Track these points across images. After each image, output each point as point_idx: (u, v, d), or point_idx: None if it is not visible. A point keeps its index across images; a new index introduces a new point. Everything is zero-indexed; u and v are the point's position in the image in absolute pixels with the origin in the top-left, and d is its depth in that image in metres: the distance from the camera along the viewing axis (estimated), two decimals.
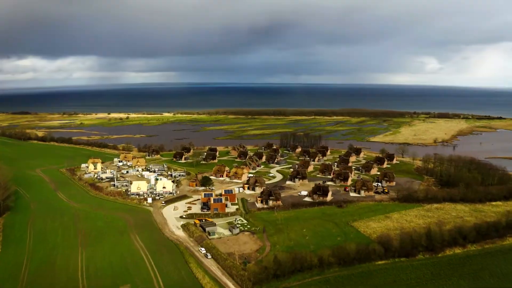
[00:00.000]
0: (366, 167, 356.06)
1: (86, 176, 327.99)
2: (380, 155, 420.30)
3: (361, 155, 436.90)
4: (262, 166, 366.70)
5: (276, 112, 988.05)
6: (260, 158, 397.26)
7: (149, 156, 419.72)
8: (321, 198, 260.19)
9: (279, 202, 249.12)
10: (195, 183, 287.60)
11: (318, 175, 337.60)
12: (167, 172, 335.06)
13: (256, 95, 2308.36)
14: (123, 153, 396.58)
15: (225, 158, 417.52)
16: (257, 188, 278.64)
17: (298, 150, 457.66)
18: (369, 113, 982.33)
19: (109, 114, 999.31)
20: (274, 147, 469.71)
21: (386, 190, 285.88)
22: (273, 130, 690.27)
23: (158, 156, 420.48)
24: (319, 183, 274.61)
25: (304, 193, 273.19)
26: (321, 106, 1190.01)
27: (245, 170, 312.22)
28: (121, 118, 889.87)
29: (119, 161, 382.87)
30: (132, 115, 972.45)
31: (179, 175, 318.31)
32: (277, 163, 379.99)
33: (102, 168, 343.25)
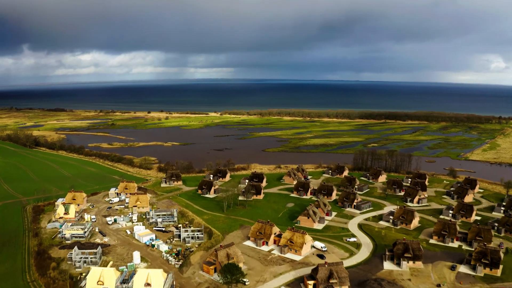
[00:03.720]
0: (507, 224, 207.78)
1: (49, 226, 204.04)
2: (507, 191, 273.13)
3: (476, 189, 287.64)
4: (333, 215, 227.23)
5: (339, 114, 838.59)
6: (330, 194, 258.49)
7: (165, 183, 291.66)
8: None
9: None
10: (213, 266, 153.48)
11: (432, 240, 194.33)
12: (175, 226, 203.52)
13: (316, 92, 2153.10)
14: (124, 181, 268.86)
15: (275, 190, 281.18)
16: None
17: (382, 178, 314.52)
18: (449, 117, 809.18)
19: (148, 112, 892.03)
20: (346, 172, 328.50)
21: None
22: (337, 139, 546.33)
23: (179, 183, 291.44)
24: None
25: None
26: (390, 107, 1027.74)
27: (307, 237, 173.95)
28: (159, 119, 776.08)
29: (117, 194, 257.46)
30: (174, 115, 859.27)
31: (192, 237, 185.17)
32: (357, 207, 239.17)
33: (77, 212, 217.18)
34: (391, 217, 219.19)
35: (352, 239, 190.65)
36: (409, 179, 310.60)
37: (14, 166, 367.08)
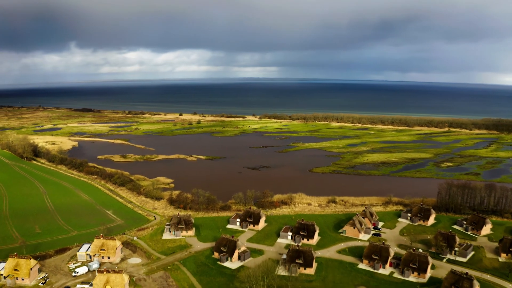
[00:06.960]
0: None
1: None
2: None
3: None
4: None
5: (395, 121, 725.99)
6: (422, 270, 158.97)
7: (170, 232, 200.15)
8: None
9: None
10: None
11: None
12: None
13: (360, 93, 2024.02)
14: (101, 236, 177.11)
15: (333, 251, 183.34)
16: None
17: (487, 228, 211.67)
18: None
19: (180, 115, 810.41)
20: (433, 216, 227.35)
21: None
22: (400, 155, 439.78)
23: (190, 233, 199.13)
24: None
25: None
26: (449, 112, 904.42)
27: None
28: (189, 123, 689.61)
29: (89, 257, 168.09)
30: (208, 118, 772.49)
31: None
32: None
33: None
34: None
35: None
36: None
37: None
